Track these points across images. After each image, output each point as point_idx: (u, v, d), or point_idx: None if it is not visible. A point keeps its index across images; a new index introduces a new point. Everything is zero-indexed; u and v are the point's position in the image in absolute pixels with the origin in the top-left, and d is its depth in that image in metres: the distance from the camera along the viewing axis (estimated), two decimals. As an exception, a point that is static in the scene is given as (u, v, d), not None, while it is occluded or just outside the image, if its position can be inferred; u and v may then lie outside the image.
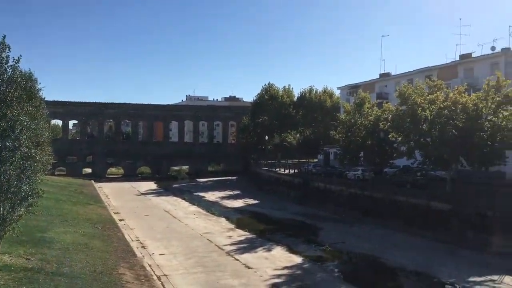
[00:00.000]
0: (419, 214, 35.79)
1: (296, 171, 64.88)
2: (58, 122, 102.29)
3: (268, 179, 71.92)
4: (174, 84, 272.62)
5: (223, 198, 61.53)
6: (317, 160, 76.83)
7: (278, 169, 71.25)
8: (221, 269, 24.26)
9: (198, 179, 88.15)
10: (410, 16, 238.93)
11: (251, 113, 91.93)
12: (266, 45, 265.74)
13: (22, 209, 15.66)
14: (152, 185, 77.90)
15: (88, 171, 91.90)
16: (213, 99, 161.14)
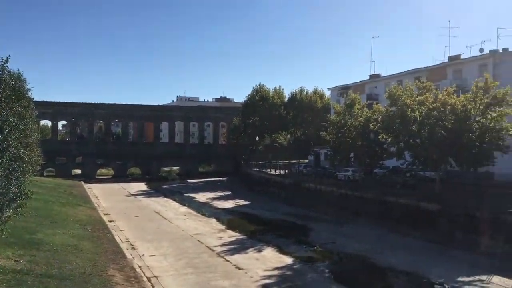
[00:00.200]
0: (408, 214, 36.05)
1: (286, 171, 65.01)
2: (47, 122, 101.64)
3: (258, 179, 71.96)
4: (164, 84, 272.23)
5: (214, 199, 61.43)
6: (307, 160, 77.08)
7: (268, 170, 71.33)
8: (212, 270, 24.21)
9: (188, 180, 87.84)
10: (399, 18, 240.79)
11: (242, 114, 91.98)
12: (257, 46, 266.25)
13: (10, 211, 15.49)
14: (142, 186, 77.52)
15: (77, 172, 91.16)
16: (204, 99, 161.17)
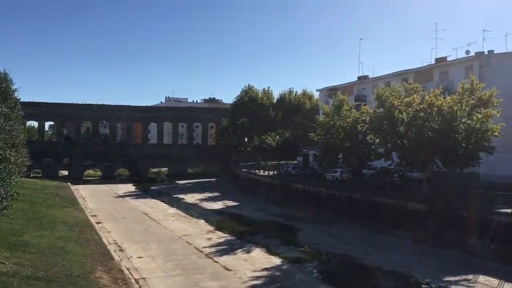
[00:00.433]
0: (396, 214, 36.33)
1: (275, 172, 65.09)
2: (33, 123, 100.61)
3: (247, 180, 71.97)
4: (153, 85, 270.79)
5: (203, 200, 61.30)
6: (296, 161, 77.28)
7: (257, 171, 71.36)
8: (200, 272, 24.16)
9: (177, 181, 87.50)
10: (387, 20, 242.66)
11: (230, 115, 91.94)
12: (246, 47, 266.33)
13: (-4, 212, 15.34)
14: (130, 187, 77.07)
15: (64, 173, 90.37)
16: (193, 100, 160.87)
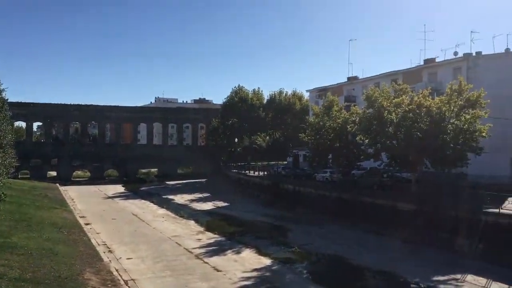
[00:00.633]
0: (385, 214, 36.54)
1: (265, 173, 65.16)
2: (21, 124, 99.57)
3: (237, 181, 71.97)
4: (142, 85, 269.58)
5: (193, 200, 61.17)
6: (286, 162, 77.40)
7: (247, 172, 71.39)
8: (190, 273, 24.10)
9: (167, 182, 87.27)
10: (376, 21, 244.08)
11: (221, 116, 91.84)
12: (236, 47, 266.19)
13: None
14: (119, 188, 76.66)
15: (53, 174, 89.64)
16: (183, 101, 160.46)
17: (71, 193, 63.71)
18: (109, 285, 18.90)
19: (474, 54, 50.94)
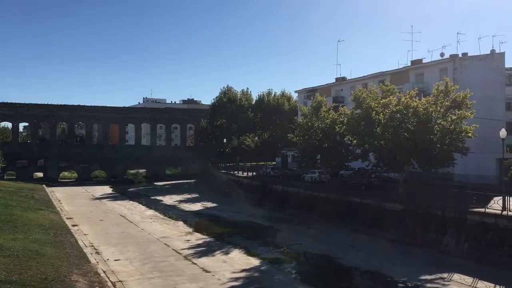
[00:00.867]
0: (373, 214, 36.75)
1: (254, 173, 65.17)
2: (7, 124, 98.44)
3: (226, 182, 71.86)
4: (130, 86, 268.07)
5: (181, 201, 60.95)
6: (275, 162, 77.51)
7: (236, 172, 71.36)
8: (179, 274, 24.02)
9: (155, 183, 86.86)
10: (364, 22, 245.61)
11: (209, 116, 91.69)
12: (224, 48, 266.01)
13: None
14: (107, 189, 76.10)
15: (39, 175, 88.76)
16: (171, 101, 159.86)
17: (58, 194, 63.13)
18: (96, 287, 18.78)
19: (460, 55, 51.65)
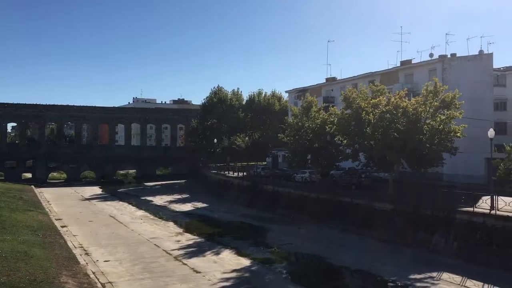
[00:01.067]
0: (363, 214, 36.92)
1: (245, 174, 65.13)
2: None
3: (217, 182, 71.76)
4: (120, 86, 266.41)
5: (172, 202, 60.75)
6: (265, 162, 77.55)
7: (227, 172, 71.23)
8: (169, 275, 23.93)
9: (145, 183, 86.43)
10: (354, 23, 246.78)
11: (200, 116, 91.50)
12: (215, 48, 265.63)
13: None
14: (97, 190, 75.57)
15: (28, 176, 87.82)
16: (161, 101, 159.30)
17: (46, 195, 62.62)
18: (86, 288, 18.64)
19: (449, 55, 52.06)
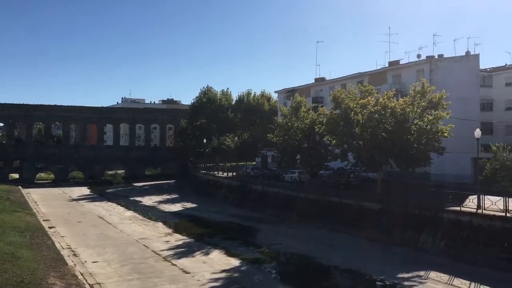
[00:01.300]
0: (352, 214, 37.12)
1: (234, 174, 65.13)
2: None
3: (206, 182, 71.65)
4: (109, 85, 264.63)
5: (161, 202, 60.52)
6: (255, 162, 77.61)
7: (216, 172, 71.18)
8: (158, 275, 23.87)
9: (134, 184, 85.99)
10: (343, 23, 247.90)
11: (189, 116, 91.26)
12: (204, 47, 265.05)
13: None
14: (85, 190, 75.05)
15: (15, 176, 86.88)
16: (150, 101, 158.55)
17: (34, 196, 62.06)
18: (74, 290, 18.54)
19: (436, 56, 52.58)
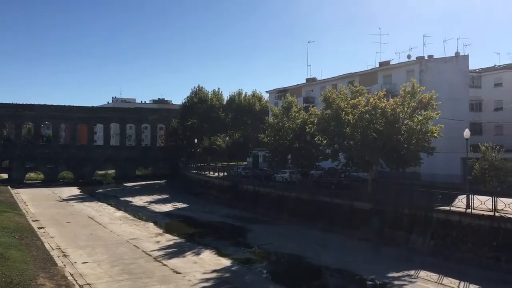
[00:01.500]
0: (343, 214, 37.28)
1: (225, 174, 65.07)
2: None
3: (197, 182, 71.51)
4: (99, 85, 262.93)
5: (151, 202, 60.29)
6: (246, 162, 77.62)
7: (207, 172, 71.10)
8: (148, 276, 23.78)
9: (125, 184, 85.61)
10: (334, 24, 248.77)
11: (180, 116, 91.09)
12: (195, 47, 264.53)
13: None
14: (75, 191, 74.55)
15: (4, 176, 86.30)
16: (141, 101, 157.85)
17: (23, 196, 61.57)
18: (63, 291, 18.40)
19: (426, 57, 53.00)
